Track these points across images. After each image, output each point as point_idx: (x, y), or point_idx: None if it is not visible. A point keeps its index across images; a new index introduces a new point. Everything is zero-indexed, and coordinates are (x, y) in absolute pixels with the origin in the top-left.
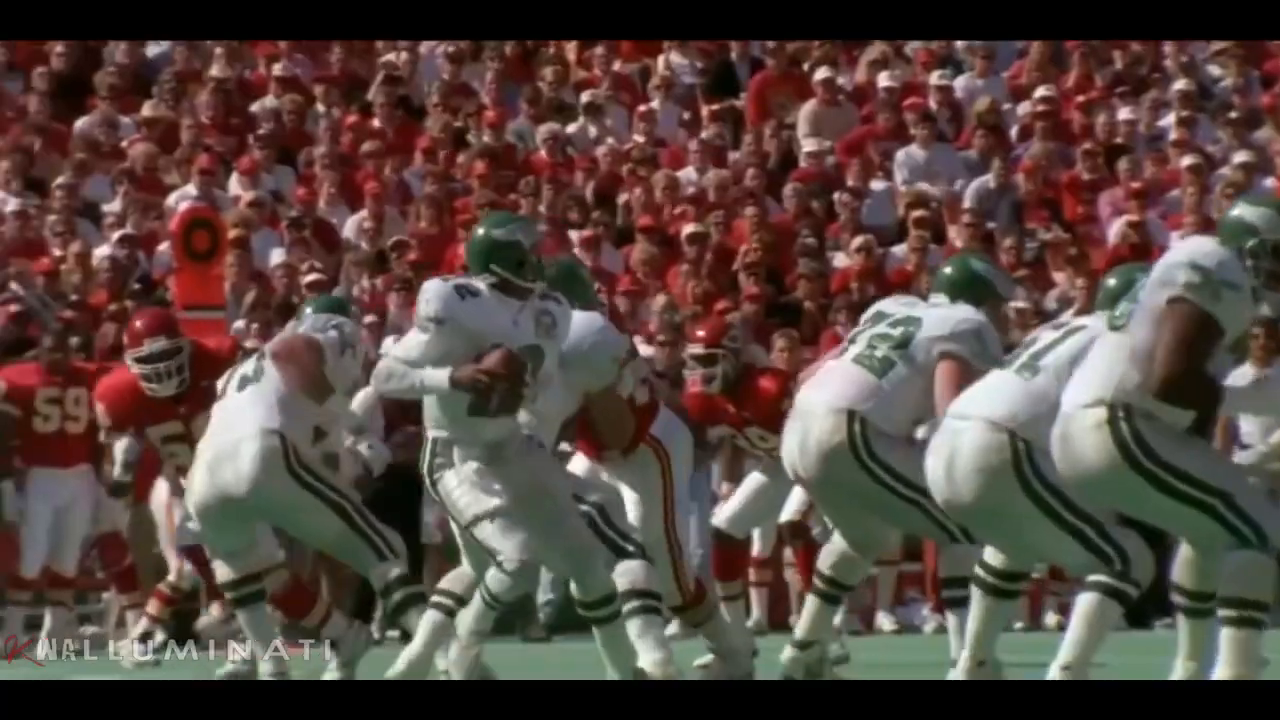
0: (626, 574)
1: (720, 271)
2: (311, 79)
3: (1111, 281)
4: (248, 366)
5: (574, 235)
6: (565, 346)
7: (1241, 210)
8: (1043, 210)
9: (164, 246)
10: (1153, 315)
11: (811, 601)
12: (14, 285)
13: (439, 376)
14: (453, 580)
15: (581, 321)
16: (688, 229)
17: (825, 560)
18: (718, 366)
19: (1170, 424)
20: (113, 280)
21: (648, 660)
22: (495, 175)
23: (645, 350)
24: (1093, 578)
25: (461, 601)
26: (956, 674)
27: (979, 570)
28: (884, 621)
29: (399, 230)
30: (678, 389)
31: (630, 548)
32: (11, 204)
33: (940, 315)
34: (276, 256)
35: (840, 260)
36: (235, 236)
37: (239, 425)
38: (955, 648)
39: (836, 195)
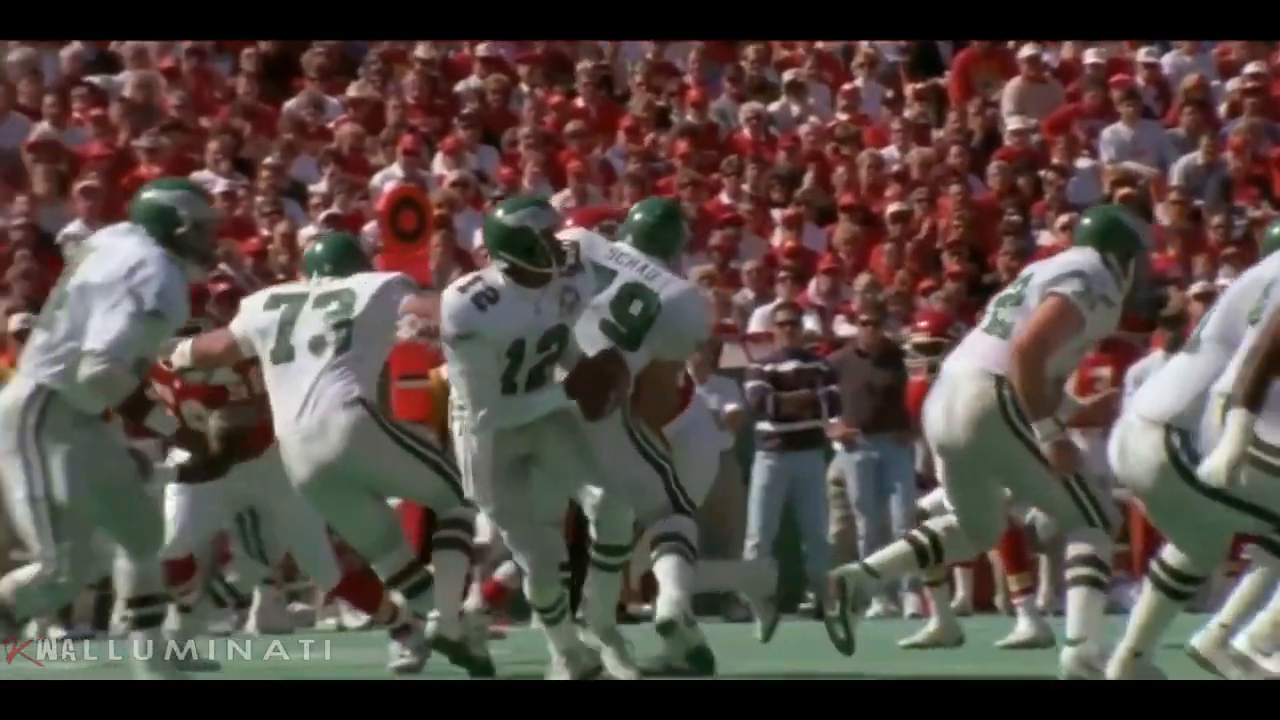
0: (678, 525)
1: (923, 250)
2: (515, 59)
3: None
4: (314, 327)
5: (776, 214)
6: (664, 307)
7: None
8: (1251, 187)
9: (369, 226)
10: None
11: (901, 544)
12: (222, 265)
13: (552, 396)
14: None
15: (684, 292)
16: (891, 208)
17: (940, 522)
18: (941, 355)
19: None
20: None
21: (666, 598)
22: (697, 154)
23: (848, 330)
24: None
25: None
26: (1111, 662)
27: (1155, 567)
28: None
29: None
30: (882, 369)
31: (688, 508)
32: (220, 185)
33: (1050, 262)
34: (480, 237)
35: (1045, 238)
36: (439, 216)
37: (327, 396)
38: (1074, 627)
39: (1042, 173)
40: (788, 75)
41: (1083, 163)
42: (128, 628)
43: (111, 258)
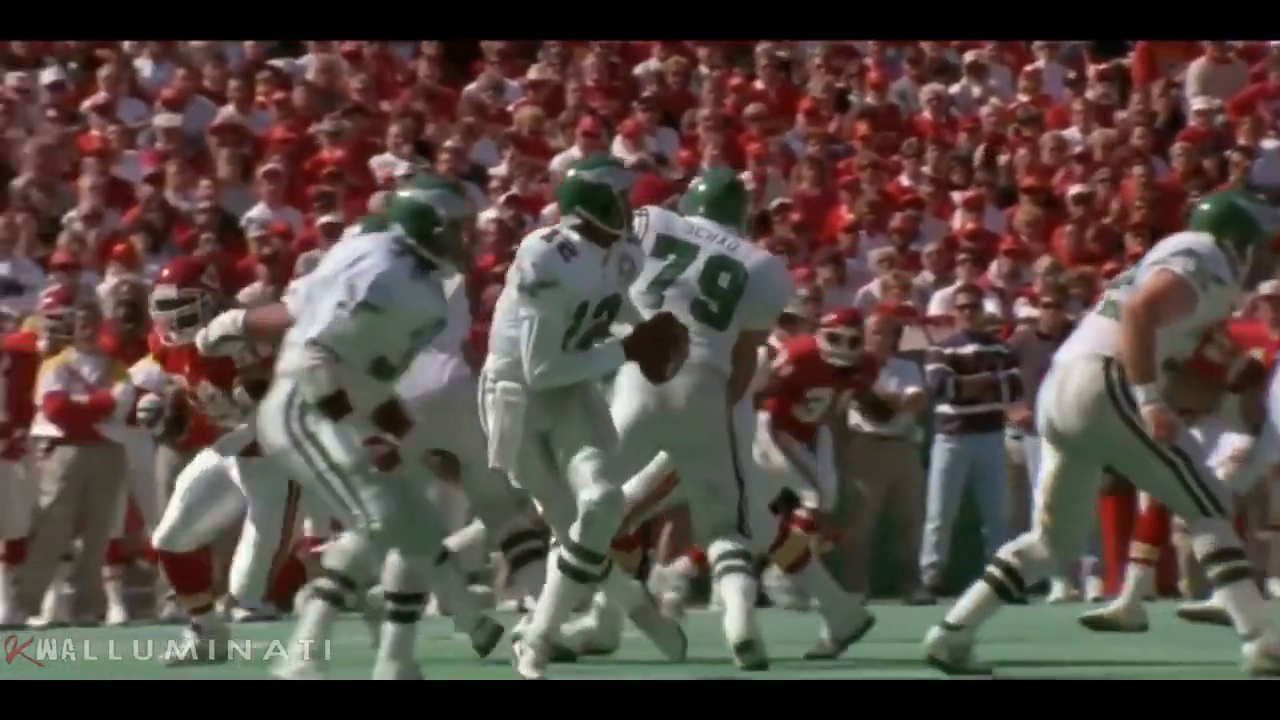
0: (744, 543)
1: (1105, 232)
2: (695, 41)
3: None
4: None
5: (956, 196)
6: (750, 276)
7: None
8: None
9: (549, 209)
10: None
11: (980, 588)
12: None
13: (611, 353)
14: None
15: (767, 261)
16: (1073, 189)
17: (1010, 548)
18: None
19: None
20: (499, 243)
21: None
22: (877, 136)
23: (1029, 312)
24: None
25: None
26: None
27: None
28: (1275, 588)
29: (781, 192)
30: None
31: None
32: (401, 168)
33: (1163, 243)
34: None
35: None
36: None
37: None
38: (1242, 624)
39: (1227, 154)
40: (969, 56)
41: (1269, 143)
42: (385, 617)
43: (343, 251)
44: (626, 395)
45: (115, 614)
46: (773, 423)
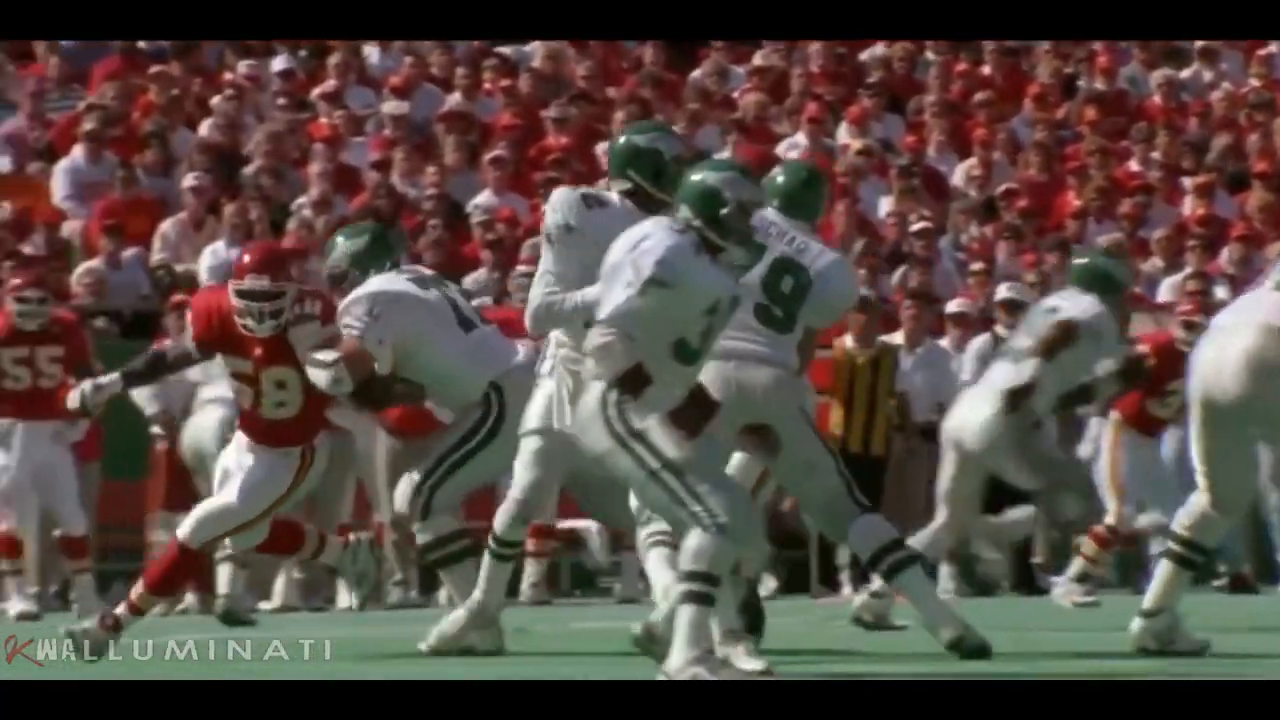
0: (890, 531)
1: None
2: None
3: None
4: (466, 310)
5: (1186, 182)
6: (814, 280)
7: None
8: None
9: None
10: None
11: (1164, 566)
12: None
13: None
14: None
15: (832, 264)
16: None
17: (1183, 520)
18: None
19: None
20: None
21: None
22: (1105, 121)
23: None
24: None
25: None
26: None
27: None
28: None
29: (1007, 178)
30: None
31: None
32: None
33: None
34: (885, 205)
35: None
36: (843, 185)
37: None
38: None
39: None
40: (1200, 41)
41: None
42: (678, 600)
43: (624, 239)
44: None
45: (343, 599)
46: (1122, 421)
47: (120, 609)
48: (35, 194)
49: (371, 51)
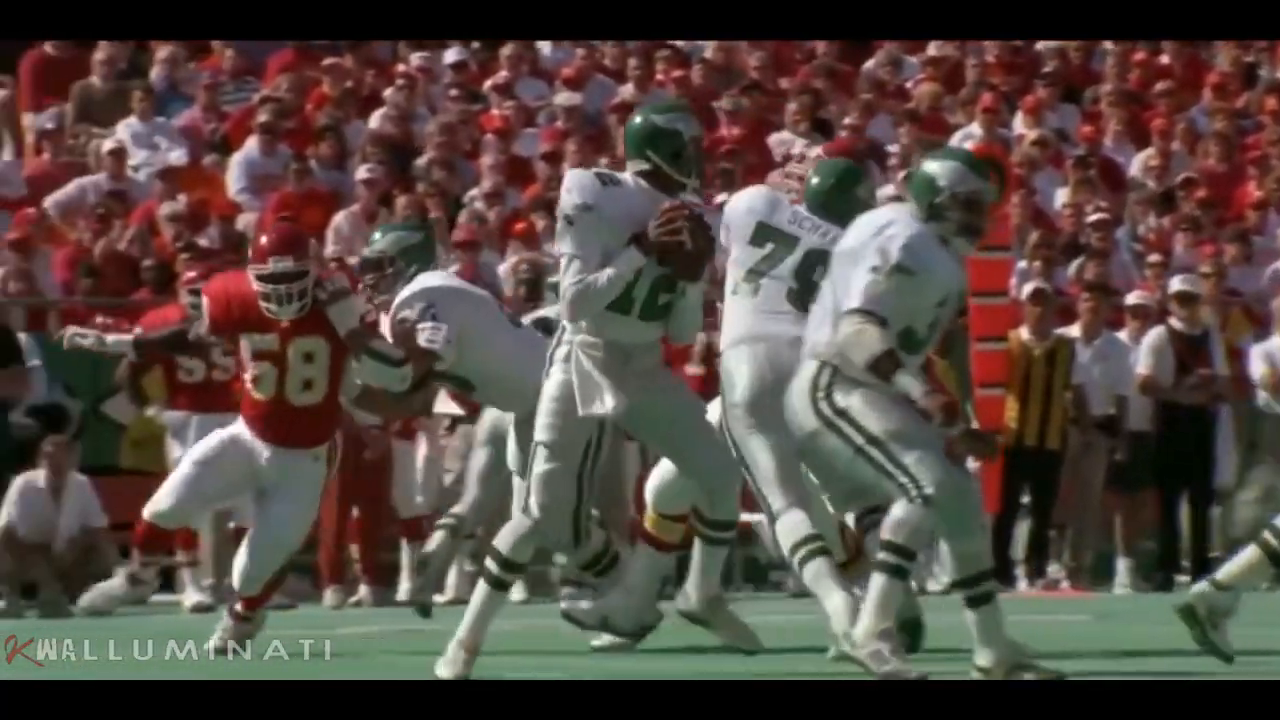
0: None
1: None
2: None
3: None
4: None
5: None
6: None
7: None
8: None
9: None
10: None
11: (1251, 551)
12: None
13: (626, 255)
14: None
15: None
16: None
17: None
18: None
19: None
20: None
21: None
22: None
23: None
24: None
25: None
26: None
27: None
28: None
29: (1186, 168)
30: None
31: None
32: (798, 146)
33: None
34: (1061, 196)
35: None
36: (1018, 176)
37: None
38: None
39: None
40: None
41: None
42: (876, 569)
43: (864, 222)
44: (741, 373)
45: (515, 592)
46: None
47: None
48: (211, 186)
49: (544, 44)
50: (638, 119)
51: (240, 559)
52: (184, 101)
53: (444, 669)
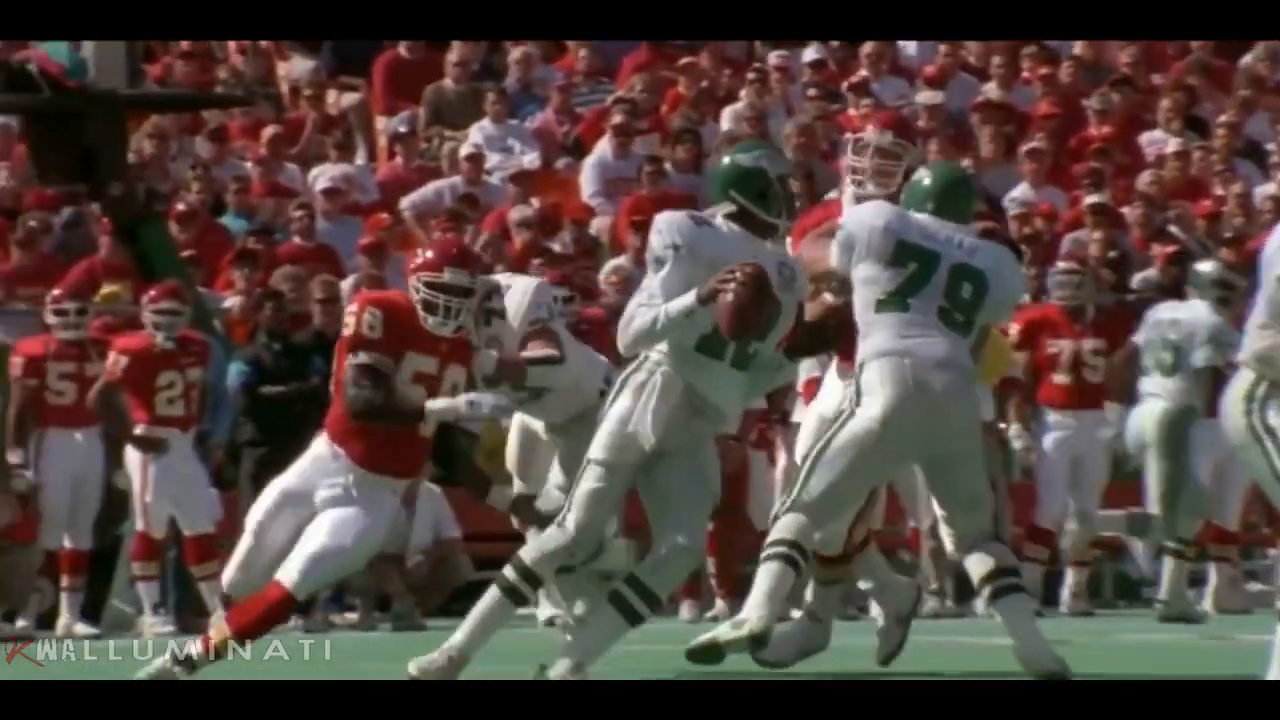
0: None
1: None
2: None
3: None
4: None
5: None
6: (990, 281)
7: None
8: None
9: None
10: None
11: None
12: (1172, 227)
13: (683, 298)
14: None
15: (999, 258)
16: None
17: None
18: None
19: None
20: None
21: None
22: None
23: None
24: None
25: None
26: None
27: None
28: None
29: None
30: None
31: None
32: (1172, 144)
33: None
34: None
35: None
36: None
37: None
38: None
39: None
40: None
41: None
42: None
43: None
44: (872, 396)
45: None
46: None
47: (194, 648)
48: (564, 190)
49: (907, 43)
50: (723, 160)
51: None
52: (537, 103)
53: (414, 667)
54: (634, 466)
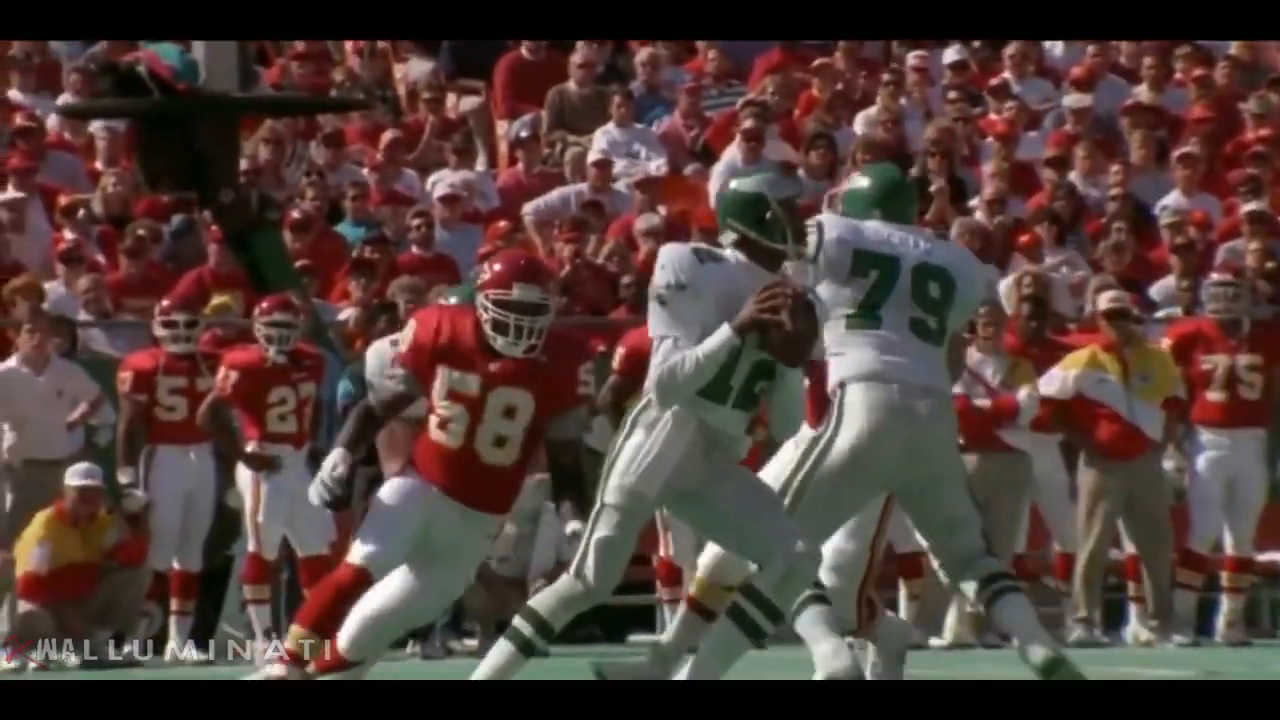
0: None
1: None
2: None
3: None
4: None
5: None
6: (954, 279)
7: None
8: None
9: None
10: None
11: None
12: None
13: (718, 335)
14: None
15: (958, 255)
16: None
17: None
18: None
19: None
20: None
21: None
22: None
23: None
24: None
25: None
26: None
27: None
28: None
29: None
30: None
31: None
32: None
33: None
34: None
35: None
36: None
37: None
38: None
39: None
40: None
41: None
42: None
43: None
44: (854, 420)
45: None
46: None
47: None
48: (692, 196)
49: (1053, 44)
50: (725, 189)
51: (355, 617)
52: (664, 106)
53: None
54: (649, 510)
